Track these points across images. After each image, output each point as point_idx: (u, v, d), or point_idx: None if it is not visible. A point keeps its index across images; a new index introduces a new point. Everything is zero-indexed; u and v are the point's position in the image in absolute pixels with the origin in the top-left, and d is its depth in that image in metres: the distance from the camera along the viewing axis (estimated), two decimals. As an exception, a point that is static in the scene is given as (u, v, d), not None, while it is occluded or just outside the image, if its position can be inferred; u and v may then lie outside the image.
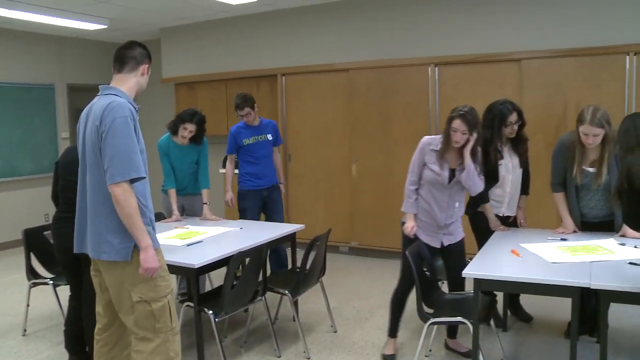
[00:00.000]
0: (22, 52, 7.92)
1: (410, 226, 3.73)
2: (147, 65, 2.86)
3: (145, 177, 2.72)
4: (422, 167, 3.67)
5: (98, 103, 2.69)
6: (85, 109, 2.82)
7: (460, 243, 3.83)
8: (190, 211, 5.09)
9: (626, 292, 2.74)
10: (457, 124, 3.49)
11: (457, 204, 3.74)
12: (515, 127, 4.00)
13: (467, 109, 3.51)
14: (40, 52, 8.14)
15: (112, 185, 2.57)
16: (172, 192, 4.90)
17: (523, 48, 5.69)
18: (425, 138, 3.72)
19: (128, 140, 2.60)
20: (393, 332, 3.92)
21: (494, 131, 3.96)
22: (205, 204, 4.97)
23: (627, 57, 5.24)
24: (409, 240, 3.73)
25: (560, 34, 5.54)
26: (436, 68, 6.15)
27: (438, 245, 3.76)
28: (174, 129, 4.88)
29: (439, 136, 3.67)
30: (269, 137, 5.30)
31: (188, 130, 4.78)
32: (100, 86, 2.79)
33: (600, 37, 5.34)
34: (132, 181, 2.62)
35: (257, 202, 5.27)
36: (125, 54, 2.80)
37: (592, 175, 3.73)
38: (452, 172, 3.64)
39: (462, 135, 3.51)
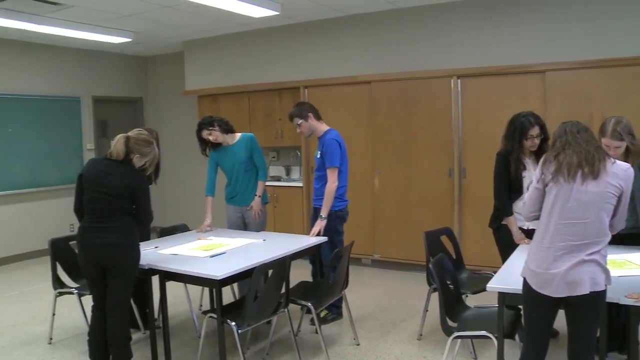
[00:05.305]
0: (48, 66, 8.08)
1: None
2: None
3: None
4: None
5: None
6: None
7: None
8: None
9: (656, 307, 2.70)
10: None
11: None
12: (537, 140, 3.98)
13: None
14: (66, 65, 8.29)
15: None
16: (209, 200, 5.01)
17: (547, 59, 5.64)
18: None
19: None
20: None
21: (514, 142, 3.96)
22: (257, 195, 5.00)
23: (655, 68, 5.18)
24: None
25: (585, 45, 5.49)
26: (459, 80, 6.13)
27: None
28: (205, 147, 5.01)
29: None
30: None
31: (212, 134, 4.88)
32: None
33: (626, 48, 5.28)
34: None
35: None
36: None
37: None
38: None
39: None
